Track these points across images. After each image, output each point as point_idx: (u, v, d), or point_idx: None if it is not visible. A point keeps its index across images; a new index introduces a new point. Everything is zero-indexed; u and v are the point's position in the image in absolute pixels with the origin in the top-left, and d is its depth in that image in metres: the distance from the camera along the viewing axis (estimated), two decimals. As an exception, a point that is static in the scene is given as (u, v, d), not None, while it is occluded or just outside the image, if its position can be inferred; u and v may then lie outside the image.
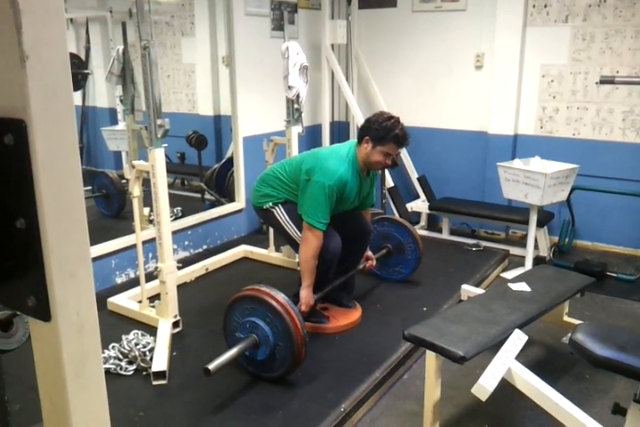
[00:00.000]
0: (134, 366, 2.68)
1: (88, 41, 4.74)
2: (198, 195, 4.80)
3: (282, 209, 3.03)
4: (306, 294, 2.86)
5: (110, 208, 4.44)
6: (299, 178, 2.93)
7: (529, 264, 3.95)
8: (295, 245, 3.01)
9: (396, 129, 2.83)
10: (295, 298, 3.11)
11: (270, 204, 3.05)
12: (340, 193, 2.84)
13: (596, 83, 4.10)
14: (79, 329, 0.64)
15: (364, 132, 2.90)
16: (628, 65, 4.15)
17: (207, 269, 3.86)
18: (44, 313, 0.61)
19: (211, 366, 2.34)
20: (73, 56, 4.63)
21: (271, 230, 3.96)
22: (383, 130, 2.82)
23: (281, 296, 2.49)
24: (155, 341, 2.81)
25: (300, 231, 2.91)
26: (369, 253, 3.37)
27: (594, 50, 4.25)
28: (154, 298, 3.15)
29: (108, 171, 4.56)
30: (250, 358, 2.57)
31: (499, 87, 4.60)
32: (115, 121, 4.57)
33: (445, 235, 4.71)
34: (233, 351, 2.46)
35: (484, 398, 2.16)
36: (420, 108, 5.01)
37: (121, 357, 2.71)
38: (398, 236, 3.61)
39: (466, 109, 4.83)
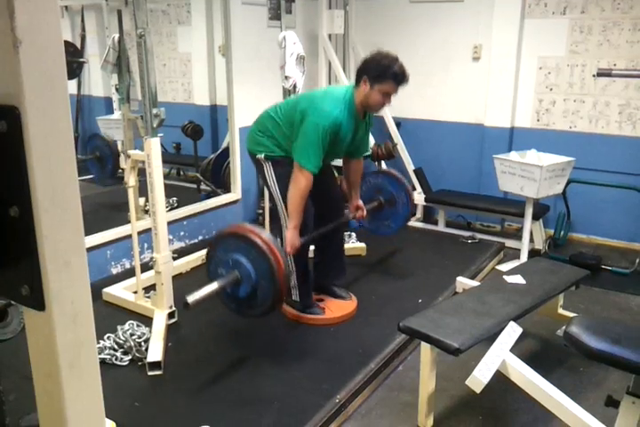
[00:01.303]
0: (129, 357, 2.68)
1: (83, 29, 4.70)
2: (194, 185, 4.78)
3: (272, 170, 2.95)
4: (291, 235, 2.79)
5: (103, 171, 4.35)
6: (293, 119, 2.83)
7: (524, 257, 3.96)
8: (274, 205, 3.01)
9: (395, 66, 2.76)
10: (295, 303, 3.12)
11: (263, 155, 2.95)
12: (335, 135, 2.76)
13: (593, 75, 4.11)
14: (74, 319, 0.63)
15: (361, 72, 2.83)
16: (626, 58, 4.14)
17: (203, 260, 3.84)
18: (38, 302, 0.61)
19: (190, 300, 2.30)
20: (68, 44, 4.59)
21: (267, 221, 3.96)
22: (381, 67, 2.76)
23: (265, 234, 2.42)
24: (150, 331, 2.81)
25: (283, 196, 2.87)
26: (359, 202, 3.28)
27: (591, 42, 4.24)
28: (149, 288, 3.15)
29: (103, 133, 4.43)
30: (232, 295, 2.52)
31: (496, 79, 4.59)
32: (110, 110, 4.54)
33: (441, 227, 4.71)
34: (213, 286, 2.41)
35: (478, 389, 2.17)
36: (417, 100, 4.99)
37: (116, 347, 2.71)
38: (391, 189, 3.54)
39: (462, 101, 4.82)
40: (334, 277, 3.28)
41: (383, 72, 2.75)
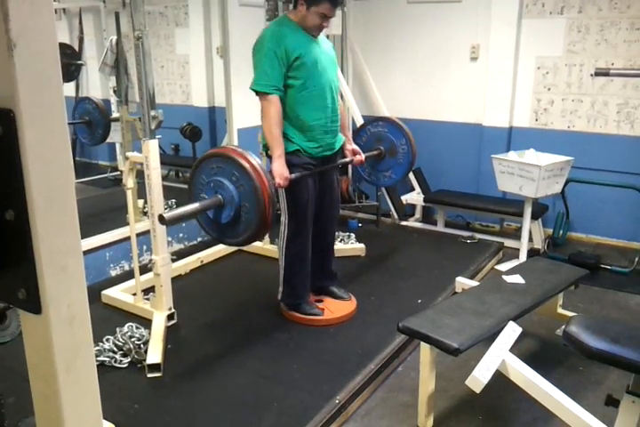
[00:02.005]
0: (129, 359, 2.68)
1: (81, 31, 4.71)
2: (193, 187, 4.78)
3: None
4: (277, 166, 2.70)
5: (93, 137, 4.26)
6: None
7: (523, 256, 3.95)
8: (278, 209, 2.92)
9: None
10: (287, 300, 3.10)
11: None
12: (288, 51, 2.71)
13: (591, 75, 4.11)
14: (70, 322, 0.63)
15: None
16: (624, 57, 4.14)
17: (202, 262, 3.85)
18: (34, 306, 0.61)
19: (166, 215, 2.24)
20: (66, 47, 4.60)
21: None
22: None
23: (249, 155, 2.36)
24: (149, 333, 2.80)
25: (288, 205, 2.88)
26: (354, 146, 3.18)
27: (589, 42, 4.24)
28: (148, 291, 3.14)
29: (93, 97, 4.35)
30: (214, 221, 2.45)
31: (494, 79, 4.59)
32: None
33: (440, 227, 4.71)
34: (194, 206, 2.35)
35: (478, 389, 2.17)
36: (415, 100, 5.00)
37: (115, 349, 2.70)
38: (392, 137, 3.47)
39: (461, 101, 4.82)
40: (327, 277, 3.26)
41: None
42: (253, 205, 2.34)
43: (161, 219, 2.26)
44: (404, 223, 4.81)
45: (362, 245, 4.04)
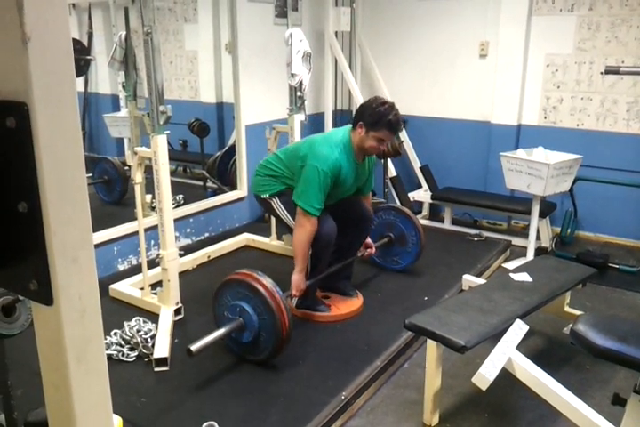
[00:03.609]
0: (136, 353, 2.69)
1: (90, 27, 4.71)
2: (200, 182, 4.79)
3: (279, 201, 3.04)
4: (297, 279, 2.85)
5: (111, 195, 4.42)
6: (295, 166, 2.92)
7: (531, 255, 3.94)
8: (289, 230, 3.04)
9: (390, 115, 2.80)
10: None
11: (268, 195, 3.06)
12: (335, 178, 2.83)
13: (601, 73, 4.09)
14: (81, 314, 0.63)
15: (358, 117, 2.89)
16: (634, 55, 4.11)
17: (209, 257, 3.86)
18: (46, 297, 0.61)
19: (193, 347, 2.35)
20: (75, 42, 4.60)
21: (273, 219, 3.96)
22: (377, 115, 2.80)
23: (276, 290, 2.49)
24: (156, 327, 2.82)
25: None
26: (369, 240, 3.35)
27: (599, 39, 4.21)
28: (156, 285, 3.16)
29: (110, 157, 4.52)
30: (235, 340, 2.61)
31: (503, 76, 4.57)
32: (117, 107, 4.55)
33: (447, 225, 4.70)
34: (218, 333, 2.49)
35: (484, 387, 2.17)
36: (424, 97, 4.99)
37: (123, 343, 2.72)
38: (402, 227, 3.59)
39: (469, 99, 4.81)
40: (345, 282, 3.30)
41: (379, 120, 2.80)
42: (271, 338, 2.50)
43: (189, 352, 2.35)
44: (411, 220, 4.80)
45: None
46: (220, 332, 2.50)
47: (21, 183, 0.59)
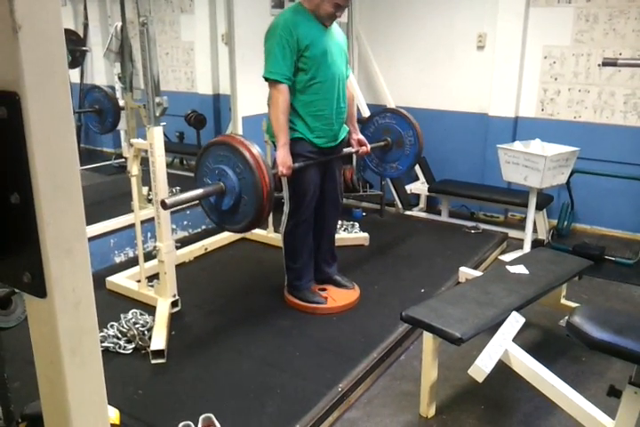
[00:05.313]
0: (133, 345, 2.69)
1: (86, 17, 4.68)
2: (197, 175, 4.77)
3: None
4: (282, 154, 2.73)
5: (103, 125, 4.28)
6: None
7: (527, 247, 3.95)
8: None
9: None
10: (290, 288, 3.12)
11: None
12: (299, 40, 2.70)
13: (599, 65, 4.08)
14: (75, 306, 0.63)
15: None
16: (632, 47, 4.10)
17: (206, 249, 3.86)
18: (39, 289, 0.61)
19: (167, 200, 2.32)
20: (71, 33, 4.58)
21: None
22: None
23: (256, 150, 2.41)
24: (153, 320, 2.82)
25: (291, 195, 2.90)
26: (360, 136, 3.17)
27: (597, 31, 4.20)
28: (152, 277, 3.15)
29: (102, 85, 4.39)
30: (214, 206, 2.55)
31: (500, 68, 4.56)
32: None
33: (444, 217, 4.71)
34: (197, 192, 2.44)
35: (480, 379, 2.17)
36: (421, 89, 4.97)
37: (119, 335, 2.72)
38: (399, 128, 3.47)
39: (467, 90, 4.79)
40: (325, 263, 3.26)
41: None
42: (252, 199, 2.41)
43: (163, 204, 2.31)
44: (408, 213, 4.80)
45: (366, 235, 4.04)
46: (199, 191, 2.42)
47: (13, 174, 0.58)
